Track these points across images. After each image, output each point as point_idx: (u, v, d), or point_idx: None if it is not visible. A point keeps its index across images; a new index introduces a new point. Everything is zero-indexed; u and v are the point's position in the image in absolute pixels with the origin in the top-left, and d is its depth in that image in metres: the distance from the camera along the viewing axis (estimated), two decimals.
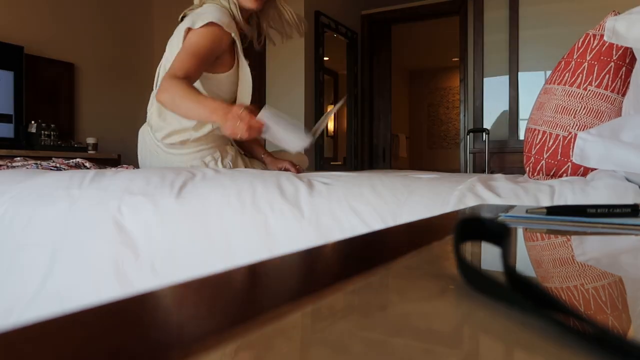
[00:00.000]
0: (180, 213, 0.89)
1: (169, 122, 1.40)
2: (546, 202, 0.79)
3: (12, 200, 1.01)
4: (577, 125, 1.24)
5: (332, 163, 5.03)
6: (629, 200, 0.74)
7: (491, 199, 0.80)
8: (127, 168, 1.68)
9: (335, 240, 0.34)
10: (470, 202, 0.80)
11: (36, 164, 1.70)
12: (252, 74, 1.45)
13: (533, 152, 1.33)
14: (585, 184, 0.85)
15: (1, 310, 0.93)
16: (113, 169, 1.67)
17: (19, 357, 0.12)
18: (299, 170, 1.54)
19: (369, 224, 0.82)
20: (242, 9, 1.42)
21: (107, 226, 0.90)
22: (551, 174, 1.28)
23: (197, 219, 0.88)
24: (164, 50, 1.48)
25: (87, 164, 1.71)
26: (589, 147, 0.95)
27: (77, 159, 1.78)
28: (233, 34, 1.36)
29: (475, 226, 0.30)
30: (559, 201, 0.79)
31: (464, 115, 4.22)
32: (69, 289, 0.90)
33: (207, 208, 0.88)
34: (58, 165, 1.69)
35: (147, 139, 1.51)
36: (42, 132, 3.68)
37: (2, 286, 0.96)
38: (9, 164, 1.69)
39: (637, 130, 0.91)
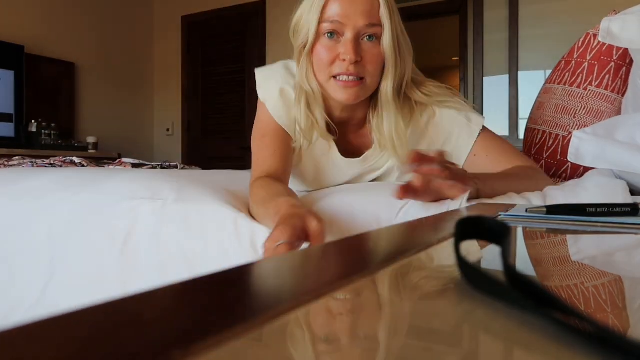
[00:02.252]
0: (181, 218, 0.86)
1: None
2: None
3: (8, 201, 1.00)
4: (577, 125, 1.23)
5: None
6: (619, 198, 0.74)
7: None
8: (124, 165, 1.68)
9: (335, 240, 0.34)
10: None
11: (31, 162, 1.71)
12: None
13: (533, 152, 1.33)
14: (575, 185, 0.84)
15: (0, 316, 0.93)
16: (110, 166, 1.67)
17: (19, 357, 0.12)
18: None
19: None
20: None
21: (105, 233, 0.88)
22: (551, 173, 1.28)
23: (197, 224, 0.85)
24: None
25: (84, 162, 1.71)
26: (584, 146, 0.94)
27: (73, 158, 1.79)
28: None
29: (475, 225, 0.30)
30: (550, 203, 0.78)
31: None
32: (68, 297, 0.88)
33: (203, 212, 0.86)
34: (52, 162, 1.70)
35: None
36: (43, 131, 3.69)
37: (1, 291, 0.95)
38: (6, 163, 1.70)
39: (632, 130, 0.91)
